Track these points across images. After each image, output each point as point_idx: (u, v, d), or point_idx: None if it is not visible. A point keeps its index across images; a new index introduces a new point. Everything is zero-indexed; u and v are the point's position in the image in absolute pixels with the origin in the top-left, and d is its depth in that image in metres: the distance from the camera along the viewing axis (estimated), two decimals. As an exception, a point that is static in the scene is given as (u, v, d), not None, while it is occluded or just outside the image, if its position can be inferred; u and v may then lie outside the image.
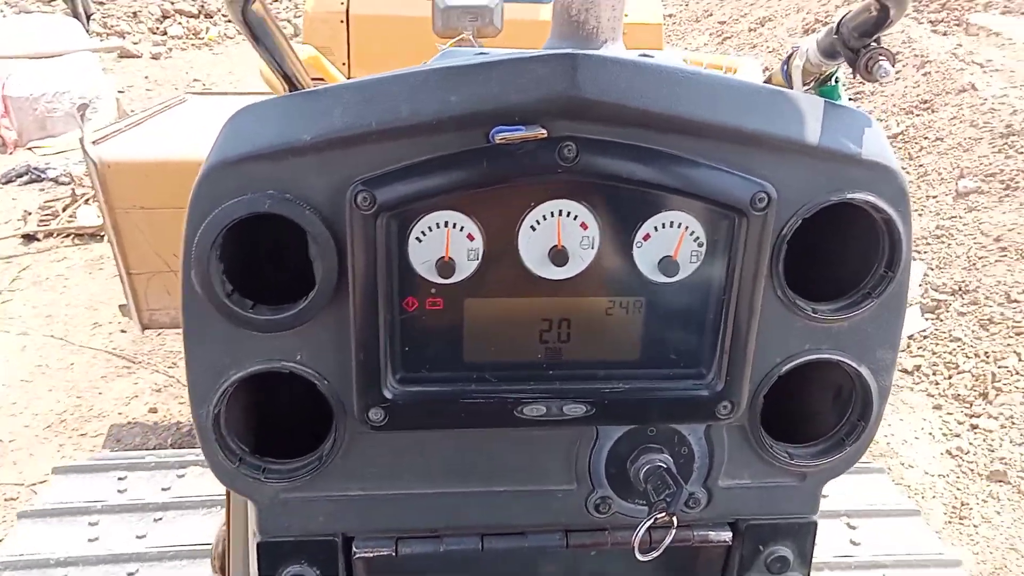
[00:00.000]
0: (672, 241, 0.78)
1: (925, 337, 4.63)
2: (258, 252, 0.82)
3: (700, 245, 0.78)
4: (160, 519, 2.43)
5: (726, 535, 0.93)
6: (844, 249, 0.85)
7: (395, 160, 0.73)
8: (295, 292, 0.77)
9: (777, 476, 0.90)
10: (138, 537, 2.37)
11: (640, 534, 0.82)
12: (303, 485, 0.84)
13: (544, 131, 0.71)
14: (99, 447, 3.68)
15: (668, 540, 0.83)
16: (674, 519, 0.83)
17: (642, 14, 4.11)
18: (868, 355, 0.83)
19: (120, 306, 3.65)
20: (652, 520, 0.82)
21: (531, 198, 0.75)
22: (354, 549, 0.87)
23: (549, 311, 0.80)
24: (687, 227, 0.77)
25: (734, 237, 0.76)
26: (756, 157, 0.76)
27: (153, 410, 3.95)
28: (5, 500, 3.42)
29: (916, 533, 2.55)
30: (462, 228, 0.75)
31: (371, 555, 0.87)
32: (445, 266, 0.75)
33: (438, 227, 0.75)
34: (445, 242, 0.75)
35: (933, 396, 4.25)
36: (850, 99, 0.83)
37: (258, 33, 0.74)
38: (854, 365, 0.83)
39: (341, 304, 0.75)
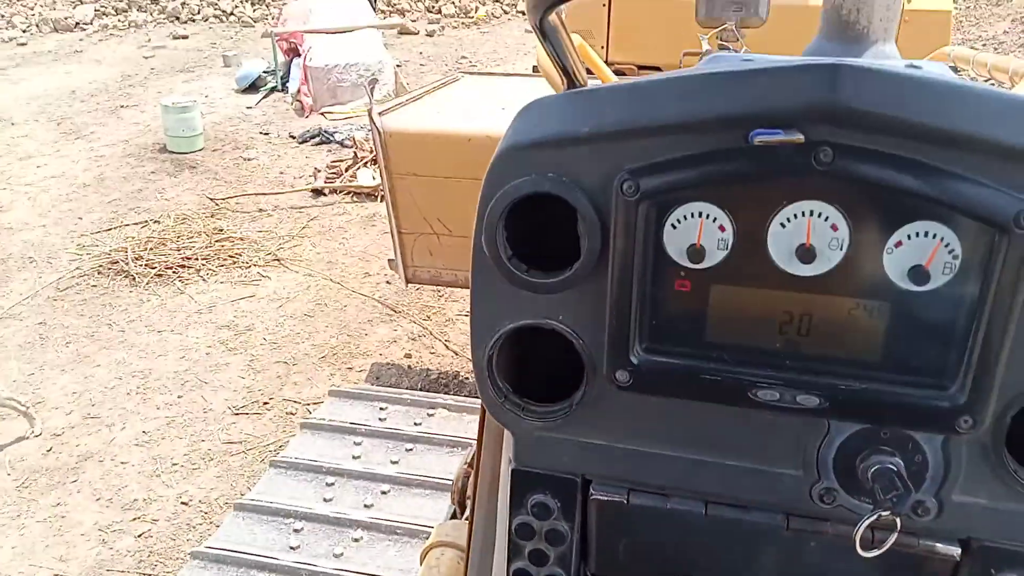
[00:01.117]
0: (926, 251, 0.76)
1: None
2: (533, 227, 0.94)
3: (955, 258, 0.76)
4: (411, 449, 2.76)
5: (954, 550, 0.87)
6: None
7: (659, 154, 0.80)
8: (560, 263, 0.87)
9: (1020, 501, 0.85)
10: (392, 462, 2.72)
11: (862, 528, 0.81)
12: (554, 427, 0.94)
13: (801, 136, 0.73)
14: (362, 381, 4.19)
15: (892, 540, 0.82)
16: (898, 520, 0.81)
17: (929, 0, 3.77)
18: None
19: (389, 260, 4.10)
20: (876, 516, 0.80)
21: (784, 196, 0.78)
22: (591, 491, 0.96)
23: (791, 305, 0.82)
24: (943, 239, 0.75)
25: (993, 253, 0.73)
26: None
27: (408, 355, 4.41)
28: (286, 413, 4.03)
29: None
30: (715, 219, 0.80)
31: (605, 498, 0.96)
32: (695, 252, 0.81)
33: (692, 216, 0.80)
34: (698, 231, 0.81)
35: None
36: None
37: (550, 37, 0.86)
38: None
39: (600, 276, 0.84)
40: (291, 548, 2.43)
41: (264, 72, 9.65)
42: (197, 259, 5.58)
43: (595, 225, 0.83)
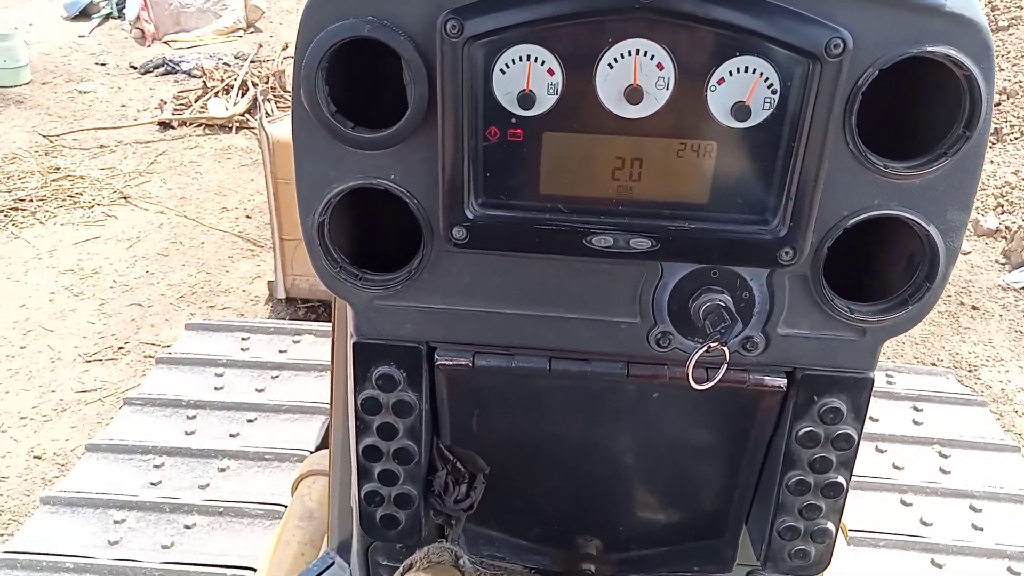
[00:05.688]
0: (746, 86, 0.79)
1: (1055, 280, 4.35)
2: (361, 83, 0.88)
3: (774, 92, 0.79)
4: (277, 376, 2.67)
5: (781, 381, 0.95)
6: (923, 107, 0.84)
7: None
8: (392, 119, 0.84)
9: (836, 329, 0.91)
10: (258, 390, 2.62)
11: (693, 360, 0.86)
12: (394, 295, 0.93)
13: None
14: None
15: (721, 372, 0.88)
16: (727, 351, 0.86)
17: None
18: (938, 215, 0.83)
19: (268, 282, 3.93)
20: (705, 348, 0.86)
21: (609, 36, 0.78)
22: (436, 357, 0.96)
23: (623, 150, 0.83)
24: (762, 73, 0.78)
25: (807, 84, 0.77)
26: (835, 3, 0.76)
27: (272, 289, 4.25)
28: (144, 356, 3.82)
29: (1012, 469, 2.48)
30: (543, 63, 0.79)
31: (450, 363, 0.96)
32: (526, 98, 0.80)
33: (521, 60, 0.79)
34: (527, 75, 0.80)
35: (1057, 343, 4.02)
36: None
37: None
38: (923, 224, 0.83)
39: (431, 129, 0.82)
40: (152, 484, 2.32)
41: (97, -3, 8.78)
42: (32, 200, 5.11)
43: (421, 71, 0.80)
